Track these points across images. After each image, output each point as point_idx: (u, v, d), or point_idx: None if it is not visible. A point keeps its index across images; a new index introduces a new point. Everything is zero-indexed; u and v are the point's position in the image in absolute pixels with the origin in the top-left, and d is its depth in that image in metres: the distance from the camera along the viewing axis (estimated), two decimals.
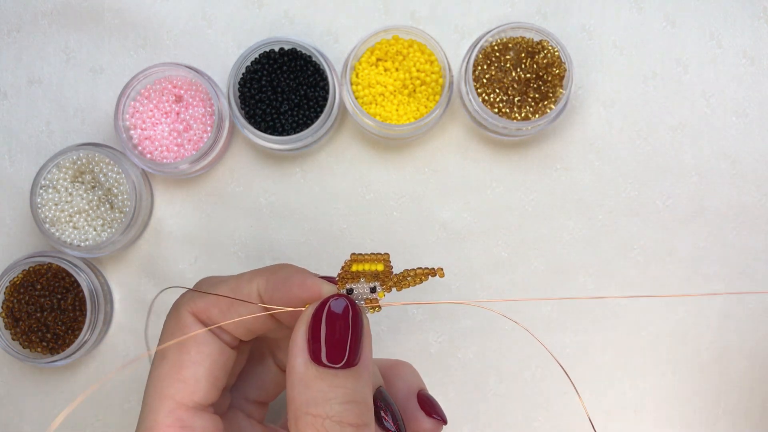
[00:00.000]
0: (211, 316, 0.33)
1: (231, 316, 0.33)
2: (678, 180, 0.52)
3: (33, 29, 0.53)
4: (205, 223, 0.52)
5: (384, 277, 0.31)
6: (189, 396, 0.32)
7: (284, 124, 0.49)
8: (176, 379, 0.32)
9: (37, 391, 0.52)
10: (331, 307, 0.30)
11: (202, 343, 0.33)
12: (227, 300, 0.33)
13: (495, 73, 0.49)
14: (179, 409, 0.32)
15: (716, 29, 0.52)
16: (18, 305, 0.49)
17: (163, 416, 0.31)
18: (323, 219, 0.52)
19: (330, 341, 0.29)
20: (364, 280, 0.31)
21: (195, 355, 0.32)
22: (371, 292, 0.31)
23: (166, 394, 0.32)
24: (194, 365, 0.32)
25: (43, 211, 0.49)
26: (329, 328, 0.29)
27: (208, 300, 0.33)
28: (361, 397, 0.29)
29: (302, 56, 0.50)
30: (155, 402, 0.32)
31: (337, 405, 0.29)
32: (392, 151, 0.52)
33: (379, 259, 0.31)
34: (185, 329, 0.33)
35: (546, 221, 0.52)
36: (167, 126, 0.50)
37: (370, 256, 0.31)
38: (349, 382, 0.29)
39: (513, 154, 0.52)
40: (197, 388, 0.32)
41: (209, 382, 0.32)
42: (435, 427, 0.37)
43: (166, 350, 0.33)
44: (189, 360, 0.32)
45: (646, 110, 0.52)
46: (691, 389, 0.51)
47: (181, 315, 0.33)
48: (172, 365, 0.32)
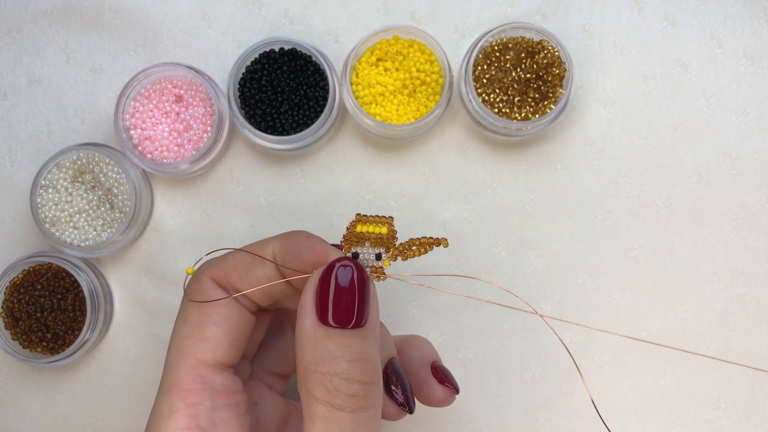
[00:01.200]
0: (230, 280, 0.34)
1: (249, 281, 0.34)
2: (678, 180, 0.52)
3: (33, 29, 0.53)
4: (205, 223, 0.52)
5: (388, 242, 0.32)
6: (210, 354, 0.33)
7: (284, 124, 0.49)
8: (197, 338, 0.33)
9: (37, 391, 0.52)
10: (338, 270, 0.31)
11: (222, 306, 0.34)
12: (245, 265, 0.34)
13: (495, 73, 0.49)
14: (200, 367, 0.33)
15: (716, 29, 0.52)
16: (18, 305, 0.49)
17: (184, 373, 0.32)
18: (323, 219, 0.52)
19: (337, 303, 0.30)
20: (369, 244, 0.32)
21: (215, 316, 0.33)
22: (377, 259, 0.32)
23: (187, 352, 0.33)
24: (215, 325, 0.33)
25: (43, 211, 0.49)
26: (336, 290, 0.30)
27: (227, 265, 0.34)
28: (368, 355, 0.30)
29: (302, 56, 0.50)
30: (177, 360, 0.33)
31: (345, 363, 0.29)
32: (392, 151, 0.52)
33: (383, 222, 0.32)
34: (205, 293, 0.34)
35: (546, 221, 0.52)
36: (167, 126, 0.50)
37: (374, 218, 0.32)
38: (357, 342, 0.30)
39: (513, 154, 0.52)
40: (218, 347, 0.33)
41: (229, 342, 0.34)
42: (447, 395, 0.39)
43: (188, 312, 0.34)
44: (209, 321, 0.33)
45: (646, 110, 0.52)
46: (691, 389, 0.51)
47: (201, 280, 0.34)
48: (193, 325, 0.33)
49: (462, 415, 0.52)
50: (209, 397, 0.32)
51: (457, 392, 0.40)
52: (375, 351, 0.31)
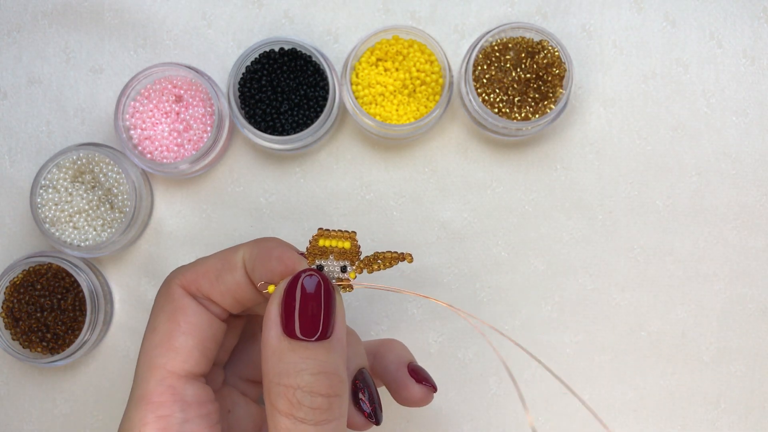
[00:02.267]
0: (200, 287, 0.34)
1: (219, 288, 0.34)
2: (678, 180, 0.52)
3: (33, 29, 0.53)
4: (205, 223, 0.52)
5: (352, 256, 0.32)
6: (180, 365, 0.33)
7: (284, 124, 0.49)
8: (167, 348, 0.33)
9: (37, 391, 0.52)
10: (304, 281, 0.30)
11: (191, 315, 0.33)
12: (215, 271, 0.34)
13: (495, 73, 0.49)
14: (170, 378, 0.32)
15: (716, 29, 0.52)
16: (18, 305, 0.49)
17: (154, 384, 0.32)
18: (323, 219, 0.52)
19: (302, 315, 0.30)
20: (333, 257, 0.32)
21: (184, 326, 0.33)
22: (342, 271, 0.32)
23: (156, 363, 0.32)
24: (184, 335, 0.33)
25: (43, 211, 0.49)
26: (302, 302, 0.30)
27: (197, 272, 0.34)
28: (332, 368, 0.30)
29: (302, 56, 0.50)
30: (146, 371, 0.32)
31: (308, 375, 0.29)
32: (392, 151, 0.52)
33: (346, 237, 0.31)
34: (175, 302, 0.33)
35: (546, 221, 0.52)
36: (167, 126, 0.50)
37: (337, 233, 0.31)
38: (321, 354, 0.30)
39: (513, 154, 0.52)
40: (188, 357, 0.33)
41: (199, 351, 0.33)
42: (425, 393, 0.38)
43: (156, 322, 0.33)
44: (179, 330, 0.33)
45: (646, 110, 0.52)
46: (691, 389, 0.51)
47: (171, 288, 0.34)
48: (162, 336, 0.33)
49: (462, 415, 0.52)
50: (180, 409, 0.32)
51: (434, 390, 0.39)
52: (340, 363, 0.31)
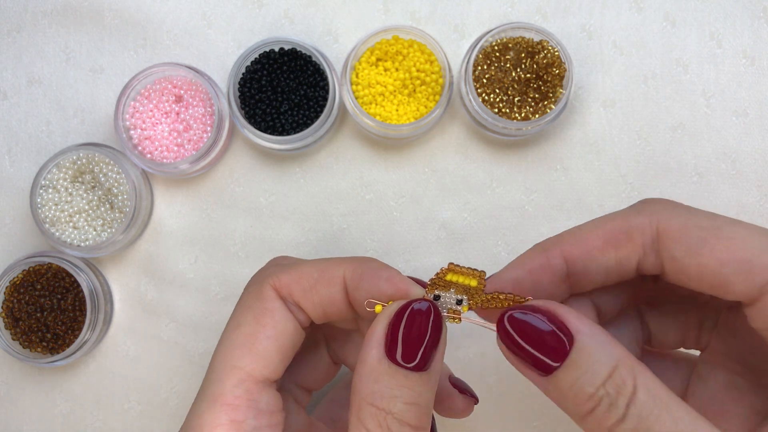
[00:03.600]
0: (293, 293, 0.33)
1: (312, 298, 0.33)
2: (678, 180, 0.52)
3: (33, 29, 0.53)
4: (205, 223, 0.52)
5: (474, 293, 0.31)
6: (260, 369, 0.32)
7: (284, 124, 0.49)
8: (250, 350, 0.32)
9: (37, 391, 0.52)
10: (415, 308, 0.30)
11: (278, 319, 0.33)
12: (311, 280, 0.33)
13: (495, 73, 0.49)
14: (249, 381, 0.32)
15: (716, 29, 0.52)
16: (18, 305, 0.49)
17: (231, 386, 0.31)
18: (323, 219, 0.52)
19: (407, 341, 0.29)
20: (454, 290, 0.31)
21: (270, 330, 0.33)
22: (457, 303, 0.31)
23: (237, 364, 0.32)
24: (268, 340, 0.32)
25: (43, 211, 0.49)
26: (408, 329, 0.30)
27: (292, 277, 0.33)
28: (424, 401, 0.30)
29: (302, 56, 0.50)
30: (225, 370, 0.32)
31: (401, 404, 0.29)
32: (392, 151, 0.52)
33: (475, 275, 0.31)
34: (265, 302, 0.33)
35: (546, 221, 0.52)
36: (167, 126, 0.50)
37: (467, 270, 0.31)
38: (417, 385, 0.29)
39: (513, 154, 0.52)
40: (269, 362, 0.32)
41: (280, 358, 0.33)
42: (468, 404, 0.38)
43: (242, 319, 0.33)
44: (264, 333, 0.32)
45: (646, 110, 0.52)
46: None
47: (263, 288, 0.33)
48: (246, 336, 0.32)
49: None
50: (253, 416, 0.32)
51: (476, 401, 0.39)
52: (431, 396, 0.30)
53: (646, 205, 0.32)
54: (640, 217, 0.31)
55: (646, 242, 0.31)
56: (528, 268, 0.33)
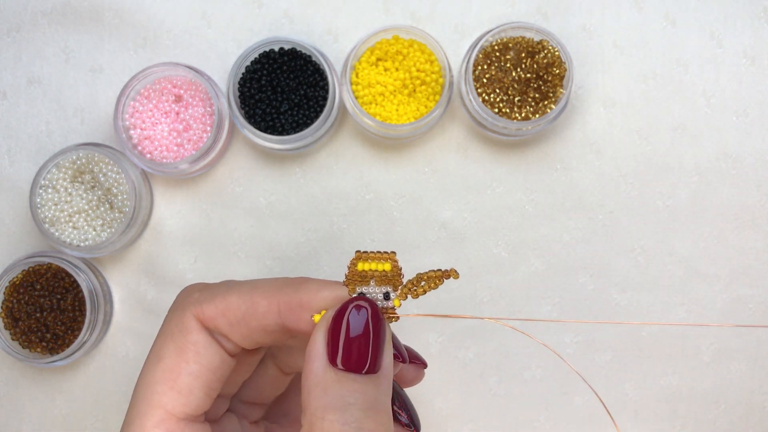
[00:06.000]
0: (219, 326, 0.31)
1: (240, 331, 0.31)
2: (678, 180, 0.52)
3: (33, 29, 0.53)
4: (205, 223, 0.52)
5: (393, 279, 0.30)
6: (181, 407, 0.31)
7: (284, 124, 0.49)
8: (170, 387, 0.31)
9: (37, 391, 0.52)
10: (351, 312, 0.29)
11: (202, 352, 0.31)
12: (239, 313, 0.31)
13: (495, 72, 0.49)
14: (169, 420, 0.30)
15: (717, 29, 0.52)
16: (18, 305, 0.49)
17: (152, 425, 0.30)
18: (323, 219, 0.52)
19: (349, 346, 0.28)
20: (374, 282, 0.30)
21: (193, 365, 0.31)
22: (385, 299, 0.30)
23: (157, 402, 0.30)
24: (191, 376, 0.31)
25: (43, 211, 0.49)
26: (349, 333, 0.28)
27: (217, 309, 0.31)
28: (382, 405, 0.28)
29: (302, 56, 0.50)
30: (144, 408, 0.31)
31: (358, 411, 0.27)
32: (392, 151, 0.52)
33: (385, 258, 0.29)
34: (188, 334, 0.31)
35: (546, 221, 0.52)
36: (167, 126, 0.50)
37: (375, 254, 0.29)
38: (370, 389, 0.28)
39: (513, 154, 0.52)
40: (190, 399, 0.31)
41: (204, 393, 0.31)
42: (417, 371, 0.36)
43: (163, 352, 0.31)
44: (187, 369, 0.31)
45: (646, 110, 0.52)
46: (691, 389, 0.51)
47: (185, 318, 0.32)
48: (167, 371, 0.31)
49: (462, 415, 0.52)
50: None
51: (425, 366, 0.36)
52: (388, 398, 0.29)
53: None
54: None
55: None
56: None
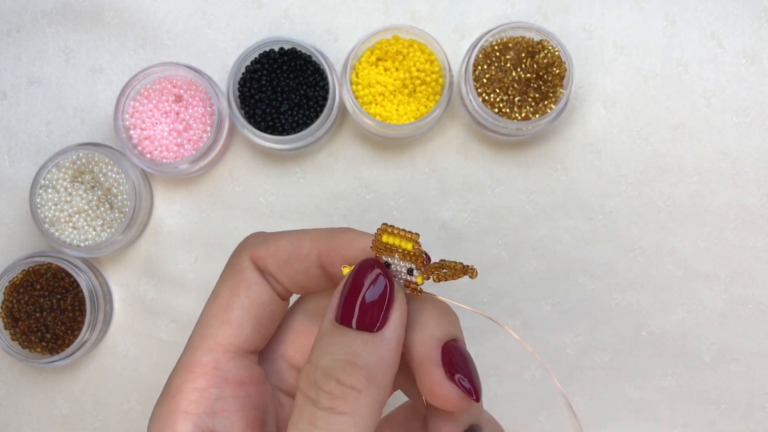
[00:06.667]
0: (268, 266, 0.33)
1: (286, 272, 0.33)
2: (678, 180, 0.52)
3: (33, 29, 0.53)
4: (205, 223, 0.52)
5: (415, 258, 0.30)
6: (231, 339, 0.32)
7: (284, 124, 0.49)
8: (222, 320, 0.32)
9: (37, 391, 0.52)
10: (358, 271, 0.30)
11: (254, 289, 0.33)
12: (285, 255, 0.33)
13: (495, 72, 0.49)
14: (218, 350, 0.32)
15: (717, 29, 0.52)
16: (17, 305, 0.49)
17: (201, 354, 0.32)
18: (323, 219, 0.52)
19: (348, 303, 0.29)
20: (398, 257, 0.30)
21: (244, 299, 0.32)
22: (408, 273, 0.30)
23: (209, 333, 0.32)
24: (241, 309, 0.32)
25: (43, 211, 0.49)
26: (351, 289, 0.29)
27: (268, 250, 0.33)
28: (361, 361, 0.28)
29: (302, 56, 0.50)
30: (197, 339, 0.32)
31: (330, 358, 0.28)
32: (392, 151, 0.52)
33: (408, 237, 0.30)
34: (241, 272, 0.33)
35: (546, 221, 0.52)
36: (167, 126, 0.50)
37: (400, 231, 0.30)
38: (355, 344, 0.28)
39: (513, 154, 0.52)
40: (240, 332, 0.32)
41: (253, 327, 0.33)
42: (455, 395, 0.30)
43: (219, 290, 0.33)
44: (238, 303, 0.32)
45: (646, 110, 0.52)
46: (691, 389, 0.51)
47: (240, 258, 0.33)
48: (220, 306, 0.33)
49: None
50: (217, 385, 0.32)
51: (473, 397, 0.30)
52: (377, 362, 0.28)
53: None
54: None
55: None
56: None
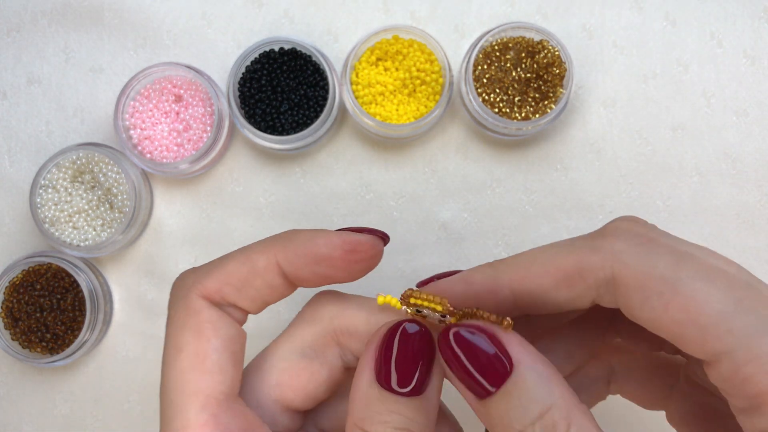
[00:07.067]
0: (225, 295, 0.30)
1: (248, 293, 0.30)
2: (678, 180, 0.52)
3: (33, 29, 0.53)
4: (205, 223, 0.52)
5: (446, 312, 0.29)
6: (218, 386, 0.29)
7: (284, 124, 0.49)
8: (200, 370, 0.29)
9: (37, 391, 0.52)
10: (404, 329, 0.28)
11: (219, 327, 0.30)
12: (241, 278, 0.30)
13: (495, 72, 0.49)
14: (210, 404, 0.29)
15: (717, 29, 0.52)
16: (18, 305, 0.49)
17: (194, 414, 0.29)
18: (323, 219, 0.52)
19: (398, 365, 0.28)
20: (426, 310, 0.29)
21: (215, 341, 0.30)
22: (442, 317, 0.29)
23: (191, 389, 0.29)
24: (216, 352, 0.30)
25: (43, 211, 0.49)
26: (400, 351, 0.28)
27: (219, 279, 0.30)
28: (418, 427, 0.28)
29: (302, 56, 0.50)
30: (181, 401, 0.29)
31: (387, 427, 0.28)
32: (392, 151, 0.52)
33: (436, 302, 0.29)
34: (199, 314, 0.30)
35: (546, 221, 0.52)
36: (167, 126, 0.50)
37: (427, 297, 0.29)
38: (409, 411, 0.28)
39: (513, 154, 0.52)
40: (224, 377, 0.30)
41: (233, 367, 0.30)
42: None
43: (181, 342, 0.30)
44: (210, 348, 0.30)
45: (646, 110, 0.52)
46: None
47: (190, 301, 0.30)
48: (191, 357, 0.30)
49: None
50: None
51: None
52: (427, 422, 0.29)
53: (605, 241, 0.30)
54: (595, 257, 0.29)
55: (600, 283, 0.29)
56: (475, 289, 0.31)
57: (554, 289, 0.29)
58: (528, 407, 0.26)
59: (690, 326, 0.26)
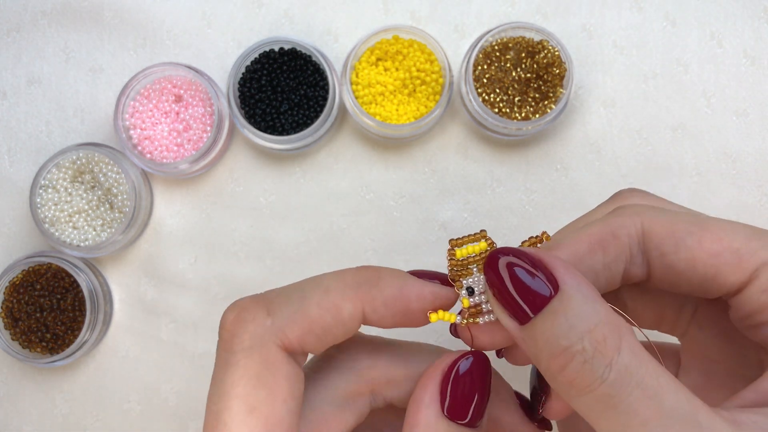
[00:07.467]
0: (306, 344, 0.28)
1: (326, 341, 0.28)
2: (678, 180, 0.52)
3: (33, 29, 0.53)
4: (205, 223, 0.52)
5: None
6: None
7: (284, 124, 0.49)
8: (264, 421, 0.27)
9: (37, 391, 0.52)
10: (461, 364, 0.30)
11: (294, 384, 0.28)
12: (323, 324, 0.28)
13: (495, 72, 0.49)
14: None
15: (717, 29, 0.52)
16: (17, 305, 0.49)
17: None
18: (323, 219, 0.52)
19: (461, 398, 0.29)
20: (476, 268, 0.29)
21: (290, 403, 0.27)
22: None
23: None
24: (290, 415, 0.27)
25: (43, 211, 0.49)
26: (462, 385, 0.29)
27: (302, 327, 0.28)
28: None
29: (302, 56, 0.50)
30: None
31: None
32: (392, 151, 0.52)
33: (477, 238, 0.29)
34: (277, 371, 0.27)
35: (546, 221, 0.52)
36: (167, 126, 0.50)
37: (469, 238, 0.29)
38: None
39: (513, 154, 0.52)
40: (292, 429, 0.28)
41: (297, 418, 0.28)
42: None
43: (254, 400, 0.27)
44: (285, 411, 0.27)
45: (646, 110, 0.52)
46: None
47: (270, 353, 0.27)
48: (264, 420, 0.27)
49: None
50: None
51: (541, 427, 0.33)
52: None
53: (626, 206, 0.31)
54: (623, 218, 0.30)
55: (633, 243, 0.30)
56: None
57: (589, 255, 0.30)
58: (576, 324, 0.25)
59: (725, 253, 0.28)
